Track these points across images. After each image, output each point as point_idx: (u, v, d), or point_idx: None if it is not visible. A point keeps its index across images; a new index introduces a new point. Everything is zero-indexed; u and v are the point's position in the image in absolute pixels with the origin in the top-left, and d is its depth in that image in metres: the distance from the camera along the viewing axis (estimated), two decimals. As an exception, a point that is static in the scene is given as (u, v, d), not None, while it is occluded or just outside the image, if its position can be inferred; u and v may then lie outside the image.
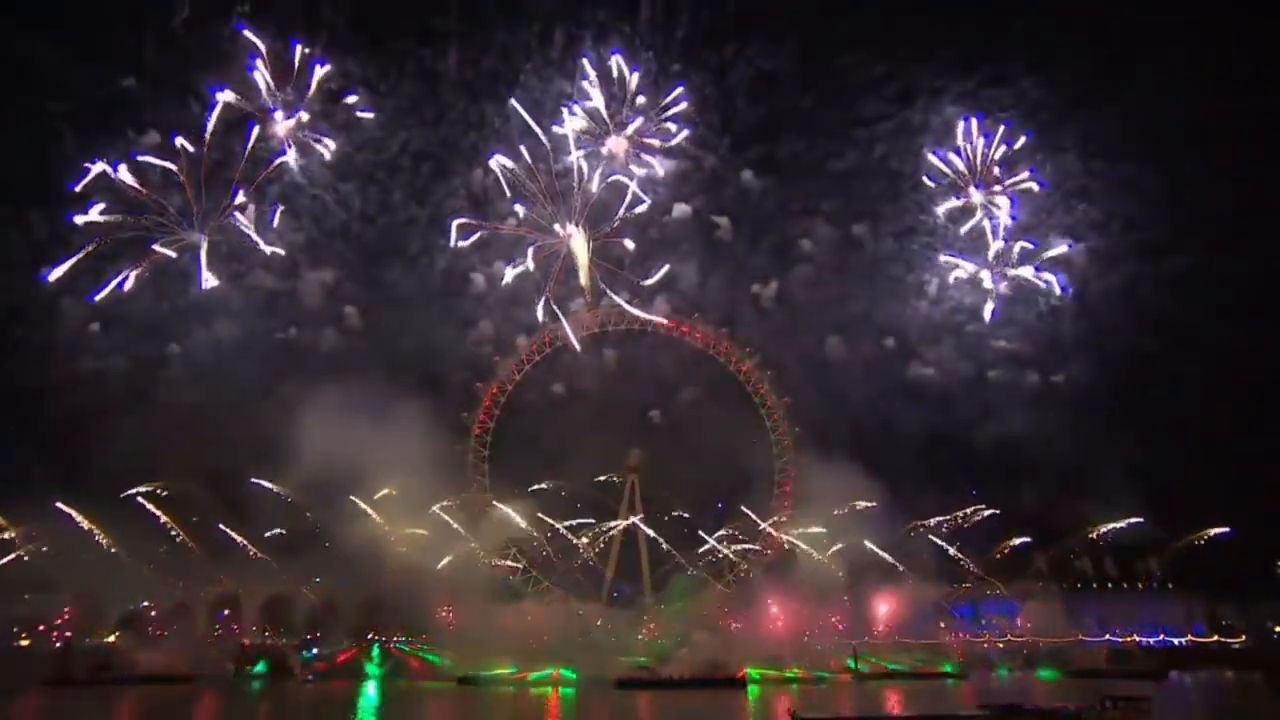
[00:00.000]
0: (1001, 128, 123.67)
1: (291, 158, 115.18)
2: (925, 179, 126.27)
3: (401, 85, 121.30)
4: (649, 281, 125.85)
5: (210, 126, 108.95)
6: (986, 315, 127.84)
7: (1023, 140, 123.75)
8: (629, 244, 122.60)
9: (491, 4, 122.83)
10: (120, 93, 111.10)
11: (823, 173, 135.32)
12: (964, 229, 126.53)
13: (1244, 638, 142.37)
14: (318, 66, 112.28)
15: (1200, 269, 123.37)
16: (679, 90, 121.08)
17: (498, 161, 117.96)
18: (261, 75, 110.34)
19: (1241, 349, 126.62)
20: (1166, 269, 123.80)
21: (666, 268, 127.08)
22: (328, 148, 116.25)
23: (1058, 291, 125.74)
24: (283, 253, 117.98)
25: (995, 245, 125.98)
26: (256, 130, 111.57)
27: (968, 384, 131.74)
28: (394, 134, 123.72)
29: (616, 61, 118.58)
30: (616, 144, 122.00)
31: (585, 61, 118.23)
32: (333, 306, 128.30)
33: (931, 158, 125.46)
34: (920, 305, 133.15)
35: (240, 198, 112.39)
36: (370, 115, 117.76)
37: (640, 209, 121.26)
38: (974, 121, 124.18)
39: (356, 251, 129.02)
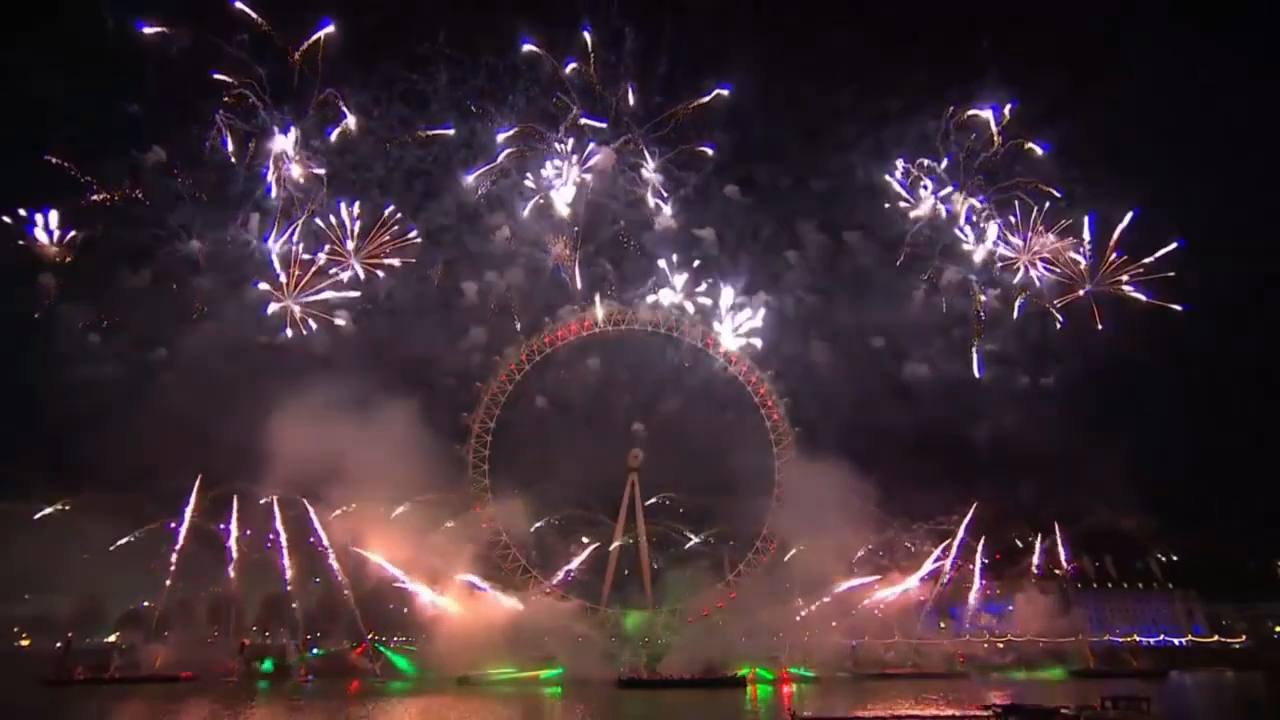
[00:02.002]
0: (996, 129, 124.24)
1: (288, 174, 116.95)
2: (898, 185, 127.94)
3: (393, 107, 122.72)
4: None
5: (209, 146, 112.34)
6: (974, 371, 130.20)
7: (999, 144, 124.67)
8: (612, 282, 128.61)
9: (479, 33, 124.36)
10: (122, 115, 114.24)
11: (805, 192, 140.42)
12: (949, 239, 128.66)
13: (1244, 638, 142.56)
14: (316, 92, 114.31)
15: (1185, 270, 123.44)
16: (719, 91, 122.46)
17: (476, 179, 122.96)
18: (259, 97, 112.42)
19: (1228, 349, 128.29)
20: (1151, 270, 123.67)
21: (655, 284, 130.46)
22: (322, 163, 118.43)
23: (1059, 322, 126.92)
24: (281, 275, 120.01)
25: (983, 250, 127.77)
26: (253, 148, 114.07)
27: (960, 384, 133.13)
28: (387, 152, 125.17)
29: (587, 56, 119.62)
30: (605, 156, 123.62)
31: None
32: (325, 314, 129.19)
33: (900, 163, 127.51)
34: (909, 309, 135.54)
35: (238, 214, 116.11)
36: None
37: (620, 226, 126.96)
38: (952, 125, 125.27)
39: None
